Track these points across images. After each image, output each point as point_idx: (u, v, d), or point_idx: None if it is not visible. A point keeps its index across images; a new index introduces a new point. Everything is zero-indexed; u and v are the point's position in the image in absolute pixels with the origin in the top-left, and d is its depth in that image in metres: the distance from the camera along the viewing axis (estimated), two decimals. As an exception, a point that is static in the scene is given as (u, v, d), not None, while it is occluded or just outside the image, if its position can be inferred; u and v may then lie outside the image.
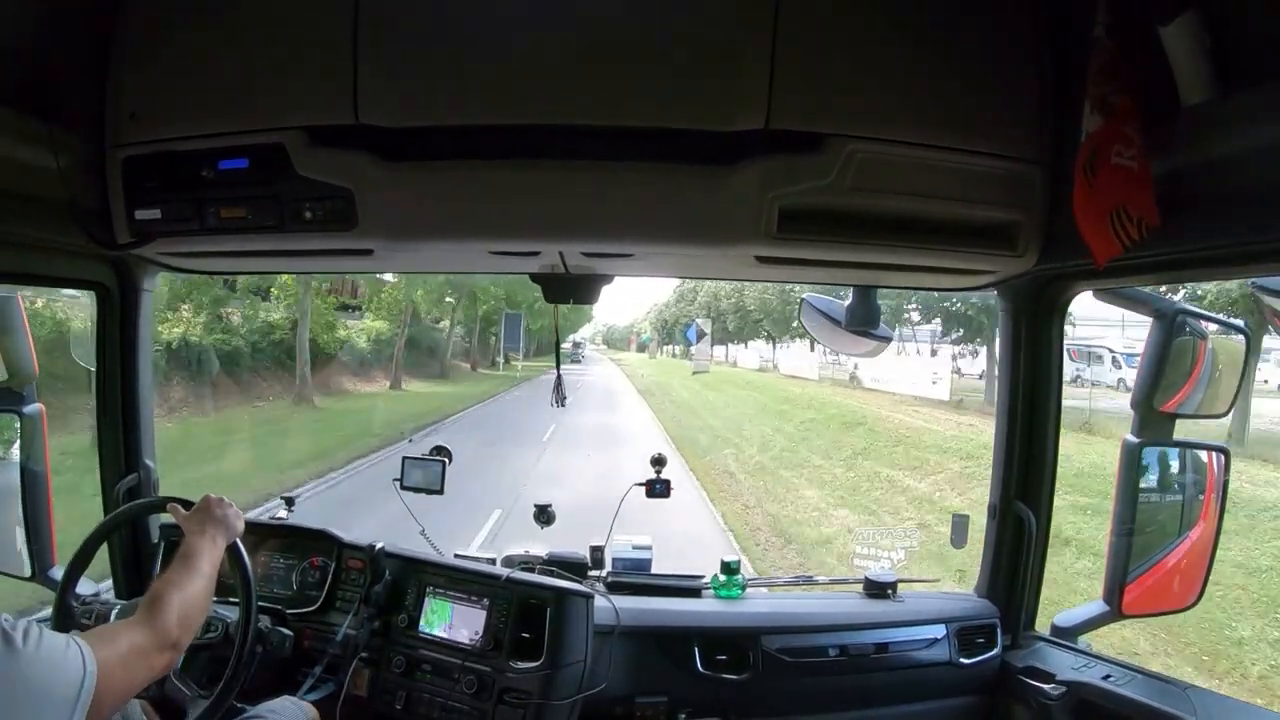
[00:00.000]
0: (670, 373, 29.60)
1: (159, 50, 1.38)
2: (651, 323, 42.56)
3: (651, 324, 42.61)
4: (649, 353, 43.03)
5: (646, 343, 44.04)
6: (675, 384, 24.55)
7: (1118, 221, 1.15)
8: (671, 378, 27.06)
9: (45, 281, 1.80)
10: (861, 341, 1.92)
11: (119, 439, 1.89)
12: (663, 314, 37.72)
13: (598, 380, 26.22)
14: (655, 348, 41.86)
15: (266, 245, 1.51)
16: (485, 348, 27.28)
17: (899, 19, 1.29)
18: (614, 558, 2.01)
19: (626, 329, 58.27)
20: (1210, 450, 1.74)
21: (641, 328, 47.96)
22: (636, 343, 49.14)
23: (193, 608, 1.21)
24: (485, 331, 24.98)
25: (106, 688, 0.99)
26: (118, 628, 1.15)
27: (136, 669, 1.07)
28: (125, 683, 1.05)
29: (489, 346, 26.90)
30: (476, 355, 25.97)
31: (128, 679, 1.06)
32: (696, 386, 22.96)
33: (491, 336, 25.44)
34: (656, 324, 39.74)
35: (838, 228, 1.38)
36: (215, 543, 1.37)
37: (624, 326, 59.88)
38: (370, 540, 1.85)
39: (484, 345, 26.81)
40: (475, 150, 1.32)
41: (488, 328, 24.30)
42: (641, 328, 47.96)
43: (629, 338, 53.48)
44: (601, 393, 21.83)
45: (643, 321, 49.16)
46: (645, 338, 44.23)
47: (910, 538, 2.36)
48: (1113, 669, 1.67)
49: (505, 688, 1.61)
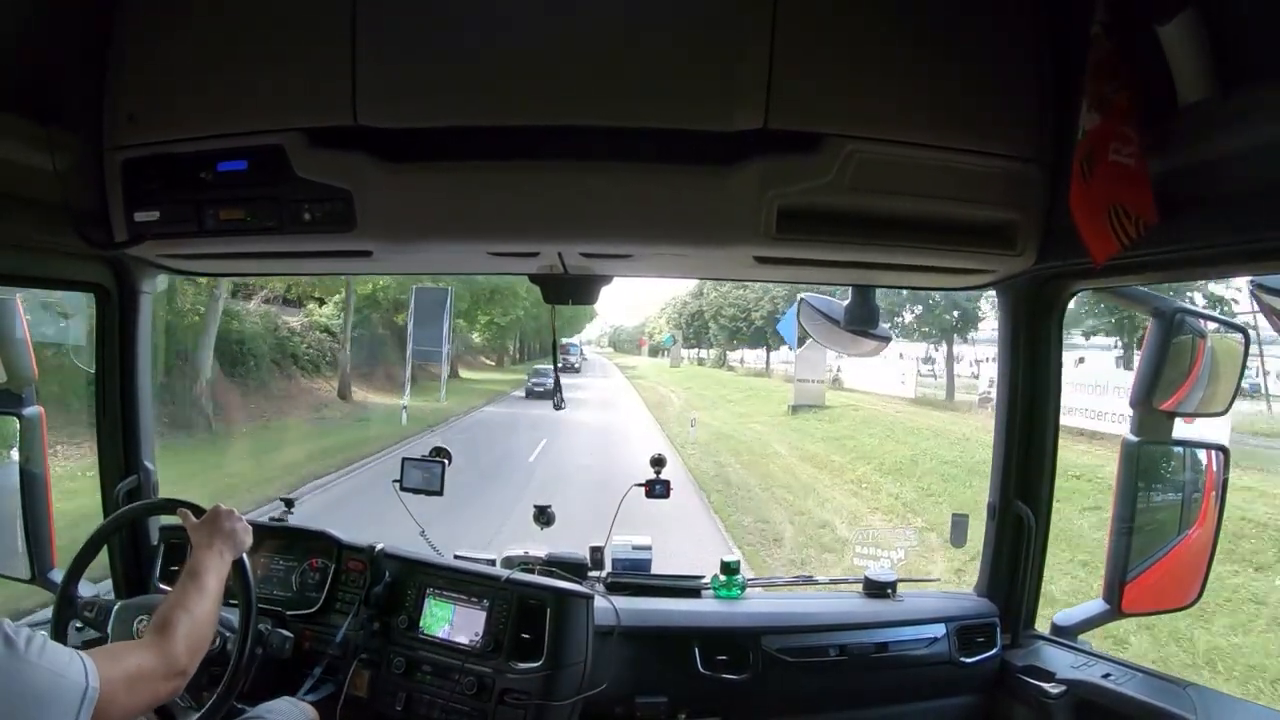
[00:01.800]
0: (715, 392, 18.93)
1: (157, 52, 1.38)
2: (671, 319, 33.81)
3: (671, 321, 33.96)
4: (669, 358, 34.36)
5: (667, 345, 35.52)
6: (753, 427, 14.16)
7: (1116, 220, 1.15)
8: (730, 408, 16.63)
9: (44, 283, 1.80)
10: (860, 341, 1.92)
11: (119, 441, 1.89)
12: (688, 307, 28.53)
13: (591, 414, 15.74)
14: (677, 353, 33.15)
15: (265, 247, 1.51)
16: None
17: (897, 19, 1.29)
18: (614, 558, 2.00)
19: (637, 329, 49.86)
20: (1209, 449, 1.74)
21: (656, 327, 40.40)
22: (649, 345, 42.26)
23: (201, 632, 1.21)
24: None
25: (109, 708, 0.98)
26: (126, 648, 1.14)
27: (141, 693, 1.06)
28: (129, 705, 1.04)
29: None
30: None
31: (131, 701, 1.05)
32: (812, 437, 12.66)
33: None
34: (680, 320, 30.80)
35: (836, 227, 1.38)
36: (223, 558, 1.37)
37: (633, 327, 51.82)
38: (370, 541, 1.85)
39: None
40: (474, 151, 1.32)
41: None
42: (656, 327, 40.40)
43: (640, 339, 46.03)
44: (598, 438, 13.06)
45: (657, 319, 41.35)
46: (666, 339, 35.73)
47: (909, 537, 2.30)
48: (1112, 667, 1.67)
49: (505, 688, 1.61)
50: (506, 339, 27.11)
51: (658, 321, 41.37)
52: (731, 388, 20.14)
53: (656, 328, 40.79)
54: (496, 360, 28.84)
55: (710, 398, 19.25)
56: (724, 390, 20.18)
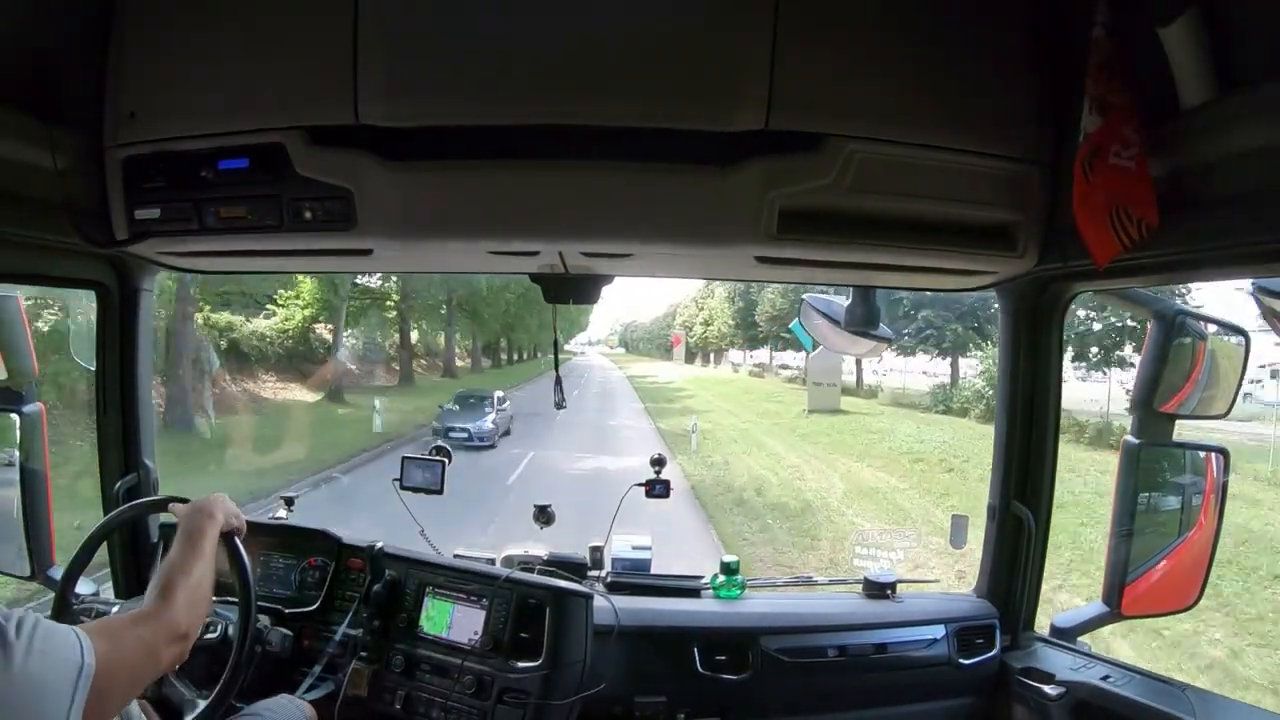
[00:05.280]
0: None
1: (158, 49, 1.38)
2: (730, 299, 24.47)
3: (730, 302, 24.45)
4: (710, 363, 27.45)
5: (800, 341, 15.66)
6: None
7: (1118, 222, 1.15)
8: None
9: (45, 281, 1.80)
10: (861, 341, 1.92)
11: (119, 438, 1.89)
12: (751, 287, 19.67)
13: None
14: (734, 354, 25.05)
15: (266, 245, 1.51)
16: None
17: (899, 20, 1.29)
18: (613, 558, 2.00)
19: (662, 326, 37.66)
20: (1209, 451, 1.74)
21: (714, 310, 27.06)
22: (683, 345, 31.54)
23: (199, 594, 1.20)
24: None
25: (111, 681, 0.96)
26: (123, 620, 1.11)
27: (144, 662, 1.05)
28: (132, 676, 1.03)
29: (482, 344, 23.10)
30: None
31: (135, 672, 1.03)
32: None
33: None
34: (740, 309, 23.14)
35: (837, 228, 1.38)
36: (214, 519, 1.35)
37: (647, 324, 40.86)
38: (370, 540, 1.85)
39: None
40: (474, 150, 1.32)
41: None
42: (714, 310, 27.06)
43: (673, 335, 33.69)
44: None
45: (702, 303, 28.73)
46: (796, 332, 13.46)
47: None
48: (1111, 669, 1.67)
49: (504, 688, 1.61)
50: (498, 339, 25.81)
51: (707, 310, 28.38)
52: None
53: (715, 312, 27.14)
54: (492, 360, 27.87)
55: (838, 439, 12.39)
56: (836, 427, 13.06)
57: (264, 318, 14.86)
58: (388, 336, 17.81)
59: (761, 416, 16.42)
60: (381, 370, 17.56)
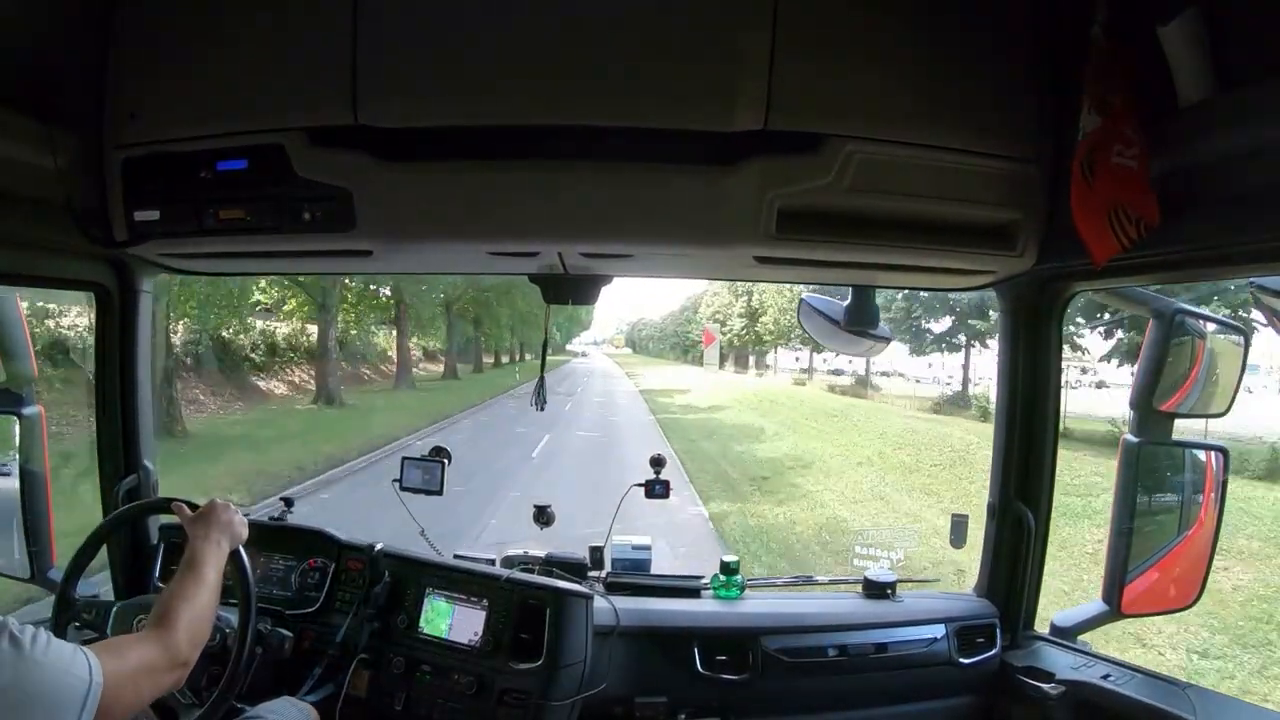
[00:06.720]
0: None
1: (158, 50, 1.37)
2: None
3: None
4: (751, 368, 22.46)
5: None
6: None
7: (1117, 221, 1.15)
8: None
9: (44, 282, 1.80)
10: (860, 341, 1.92)
11: (118, 440, 1.89)
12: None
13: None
14: (783, 356, 19.40)
15: (265, 246, 1.51)
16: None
17: (898, 20, 1.29)
18: (613, 558, 2.00)
19: (678, 322, 31.25)
20: (1209, 450, 1.74)
21: (760, 302, 21.00)
22: (717, 345, 25.82)
23: (201, 622, 1.22)
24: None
25: (113, 702, 0.99)
26: (128, 641, 1.15)
27: (144, 685, 1.07)
28: (133, 698, 1.05)
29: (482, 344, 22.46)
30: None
31: (135, 694, 1.05)
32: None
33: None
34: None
35: (836, 228, 1.38)
36: (220, 547, 1.37)
37: (658, 320, 34.35)
38: (370, 541, 1.85)
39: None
40: (474, 150, 1.32)
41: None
42: (760, 302, 21.00)
43: (704, 332, 27.47)
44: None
45: (734, 301, 22.88)
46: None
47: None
48: (1112, 668, 1.67)
49: (505, 688, 1.61)
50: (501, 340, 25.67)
51: (749, 296, 22.09)
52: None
53: (767, 300, 21.07)
54: (494, 360, 27.48)
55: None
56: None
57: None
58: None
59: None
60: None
